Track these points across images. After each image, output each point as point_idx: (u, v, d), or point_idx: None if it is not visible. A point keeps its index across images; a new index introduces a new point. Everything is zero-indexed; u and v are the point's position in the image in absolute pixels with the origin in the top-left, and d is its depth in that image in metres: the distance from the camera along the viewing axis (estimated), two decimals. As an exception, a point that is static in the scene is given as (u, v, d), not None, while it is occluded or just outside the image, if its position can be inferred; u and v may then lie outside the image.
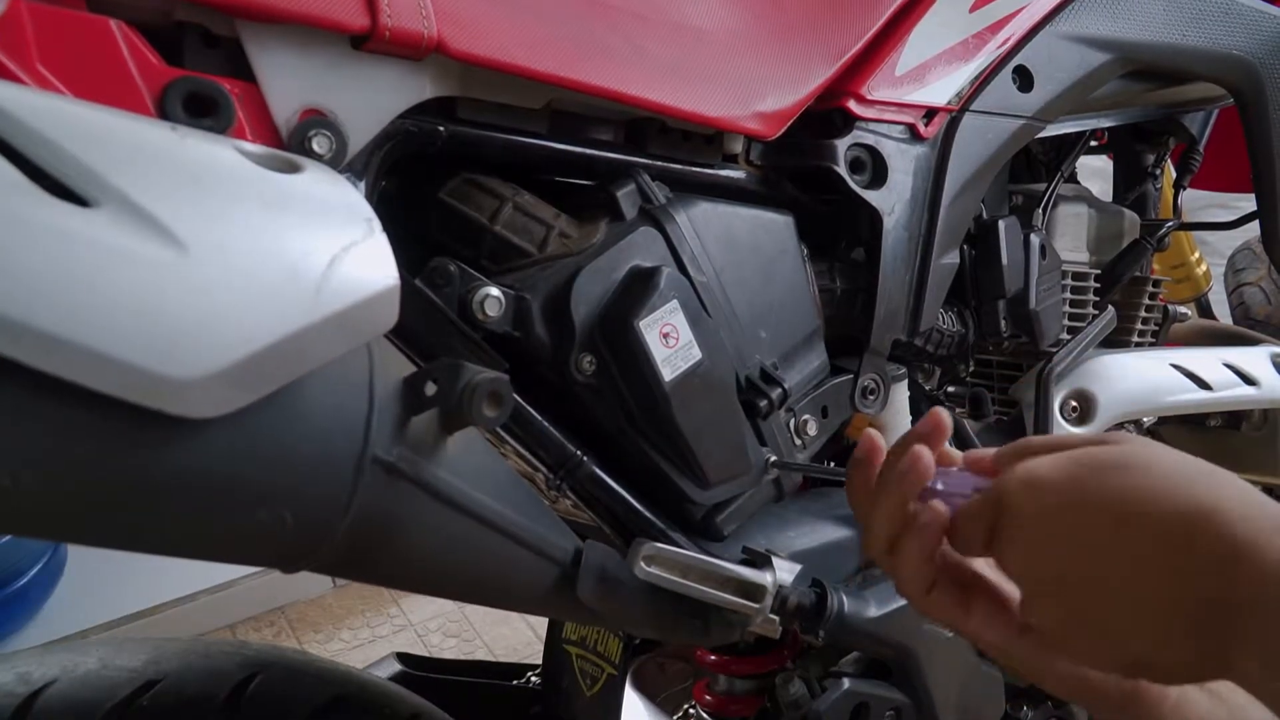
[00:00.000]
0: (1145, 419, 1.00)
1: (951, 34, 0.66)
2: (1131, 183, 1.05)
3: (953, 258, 0.69)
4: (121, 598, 1.78)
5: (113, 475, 0.30)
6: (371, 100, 0.43)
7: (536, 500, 0.49)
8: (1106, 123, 0.88)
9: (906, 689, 0.70)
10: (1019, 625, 0.42)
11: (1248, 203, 0.97)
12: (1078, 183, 0.96)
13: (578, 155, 0.54)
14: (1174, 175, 1.03)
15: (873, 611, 0.62)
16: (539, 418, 0.52)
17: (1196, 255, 1.52)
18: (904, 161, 0.64)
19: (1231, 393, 0.91)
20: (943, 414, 0.44)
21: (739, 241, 0.58)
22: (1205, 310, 1.58)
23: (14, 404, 0.28)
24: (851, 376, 0.65)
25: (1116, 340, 0.94)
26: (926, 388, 0.81)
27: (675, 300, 0.53)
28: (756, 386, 0.58)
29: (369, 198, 0.44)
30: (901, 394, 0.72)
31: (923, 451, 0.42)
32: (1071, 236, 0.90)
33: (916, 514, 0.43)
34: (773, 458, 0.60)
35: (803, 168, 0.63)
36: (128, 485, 0.31)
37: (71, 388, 0.27)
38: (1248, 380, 0.93)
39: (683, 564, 0.54)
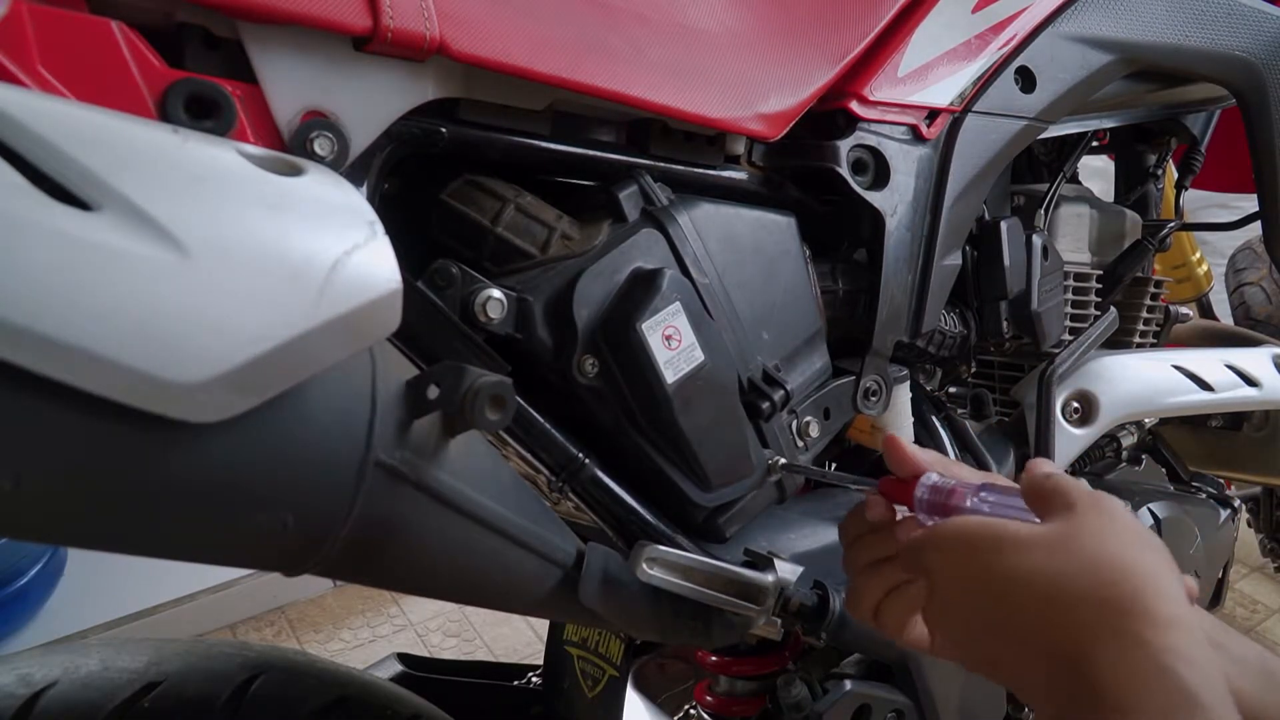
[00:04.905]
0: (1147, 420, 1.00)
1: (954, 35, 0.66)
2: (1133, 183, 1.05)
3: (955, 259, 0.69)
4: (121, 598, 1.77)
5: (114, 479, 0.30)
6: (373, 102, 0.43)
7: (539, 503, 0.49)
8: (1108, 123, 0.87)
9: (908, 690, 0.70)
10: None
11: (1249, 203, 0.97)
12: (1079, 183, 0.96)
13: (580, 156, 0.54)
14: (1175, 175, 1.03)
15: (875, 613, 0.62)
16: (541, 420, 0.52)
17: (1198, 255, 1.52)
18: (906, 162, 0.64)
19: (1233, 394, 0.91)
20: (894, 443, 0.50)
21: (741, 243, 0.58)
22: (1206, 310, 1.58)
23: (16, 408, 0.27)
24: (854, 378, 0.65)
25: (1118, 341, 0.94)
26: (928, 389, 0.81)
27: (678, 302, 0.52)
28: (759, 388, 0.58)
29: (371, 199, 0.44)
30: (903, 395, 0.71)
31: (876, 500, 0.49)
32: (1073, 237, 0.90)
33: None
34: (781, 460, 0.60)
35: (805, 169, 0.63)
36: (129, 489, 0.31)
37: (73, 392, 0.27)
38: (1249, 381, 0.93)
39: (685, 566, 0.54)
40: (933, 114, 0.65)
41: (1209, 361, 0.91)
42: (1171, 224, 0.94)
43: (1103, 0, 0.73)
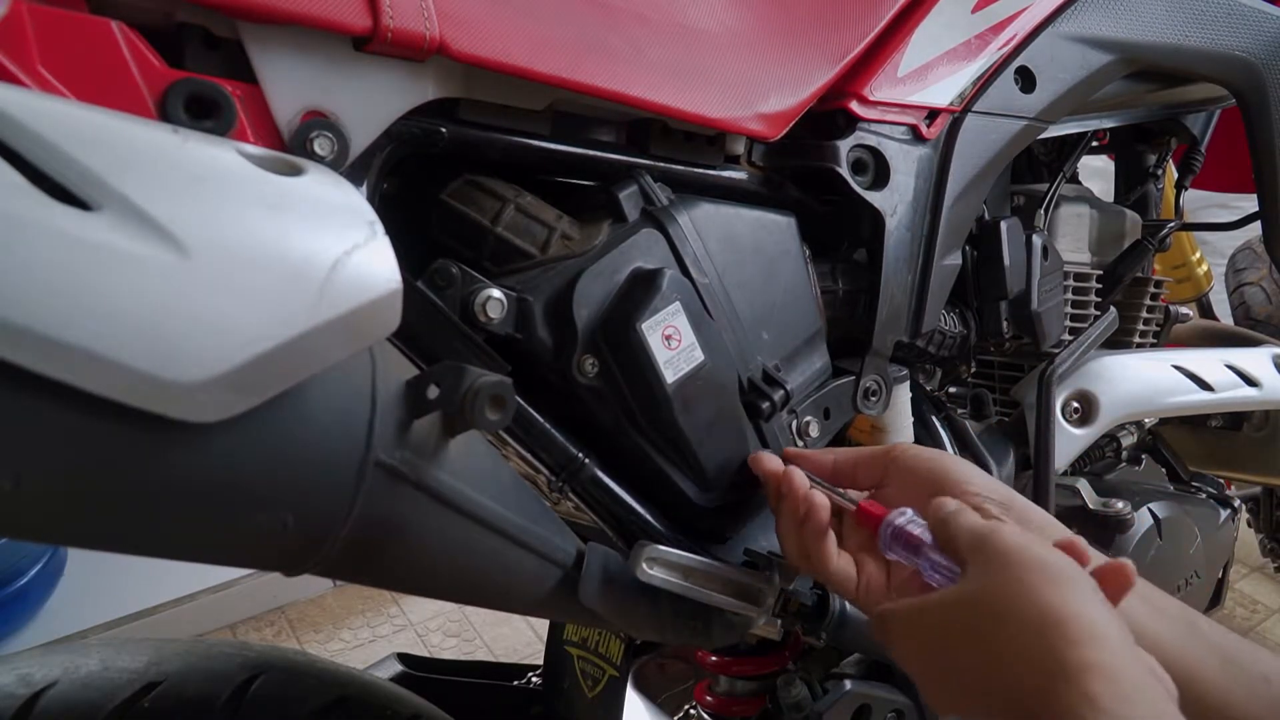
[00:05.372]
0: (1147, 420, 1.00)
1: (954, 34, 0.66)
2: (1133, 183, 1.05)
3: (955, 258, 0.69)
4: (121, 598, 1.78)
5: (114, 479, 0.30)
6: (373, 101, 0.43)
7: (539, 503, 0.49)
8: (1108, 123, 0.87)
9: (908, 690, 0.70)
10: None
11: (1249, 203, 0.97)
12: (1079, 183, 0.96)
13: (580, 156, 0.54)
14: (1175, 175, 1.03)
15: (875, 613, 0.62)
16: (541, 420, 0.52)
17: (1197, 255, 1.52)
18: (906, 162, 0.64)
19: (1233, 394, 0.91)
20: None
21: (741, 243, 0.58)
22: (1206, 310, 1.58)
23: (16, 408, 0.27)
24: (853, 378, 0.65)
25: (1118, 341, 0.94)
26: (928, 389, 0.81)
27: (677, 302, 0.52)
28: (759, 388, 0.58)
29: (371, 199, 0.44)
30: (903, 395, 0.71)
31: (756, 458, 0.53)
32: (1073, 237, 0.90)
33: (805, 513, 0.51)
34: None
35: (805, 169, 0.63)
36: (129, 489, 0.31)
37: (73, 392, 0.27)
38: (1249, 381, 0.93)
39: (685, 566, 0.54)
40: (933, 114, 0.65)
41: (1209, 361, 0.91)
42: (1171, 224, 0.94)
43: (1103, 0, 0.73)
